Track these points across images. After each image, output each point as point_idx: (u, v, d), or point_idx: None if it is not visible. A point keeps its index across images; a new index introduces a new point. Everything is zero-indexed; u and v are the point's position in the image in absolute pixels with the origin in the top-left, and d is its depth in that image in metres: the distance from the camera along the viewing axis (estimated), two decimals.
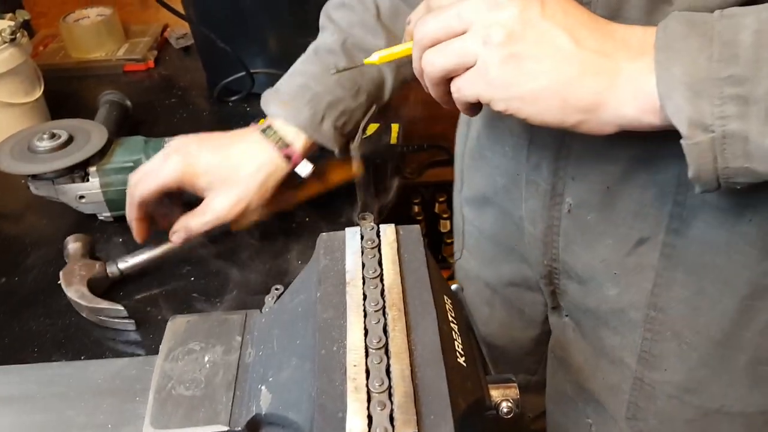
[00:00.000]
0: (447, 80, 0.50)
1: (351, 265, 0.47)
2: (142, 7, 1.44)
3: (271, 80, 0.79)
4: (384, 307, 0.43)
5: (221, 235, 0.77)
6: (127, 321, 0.70)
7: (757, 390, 0.64)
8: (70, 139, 0.81)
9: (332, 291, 0.45)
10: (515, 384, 0.48)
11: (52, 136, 0.80)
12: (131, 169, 0.78)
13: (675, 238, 0.60)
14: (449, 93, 0.51)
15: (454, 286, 0.66)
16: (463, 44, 0.48)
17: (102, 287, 0.74)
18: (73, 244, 0.75)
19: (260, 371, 0.45)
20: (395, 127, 1.03)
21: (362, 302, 0.44)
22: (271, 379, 0.43)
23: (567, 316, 0.76)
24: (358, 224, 0.51)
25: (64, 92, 1.19)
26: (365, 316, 0.43)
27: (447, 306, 0.47)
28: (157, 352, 0.48)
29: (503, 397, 0.47)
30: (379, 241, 0.49)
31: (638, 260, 0.63)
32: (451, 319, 0.46)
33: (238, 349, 0.48)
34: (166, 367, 0.46)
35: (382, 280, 0.45)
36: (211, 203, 0.71)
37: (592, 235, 0.65)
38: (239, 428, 0.42)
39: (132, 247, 0.79)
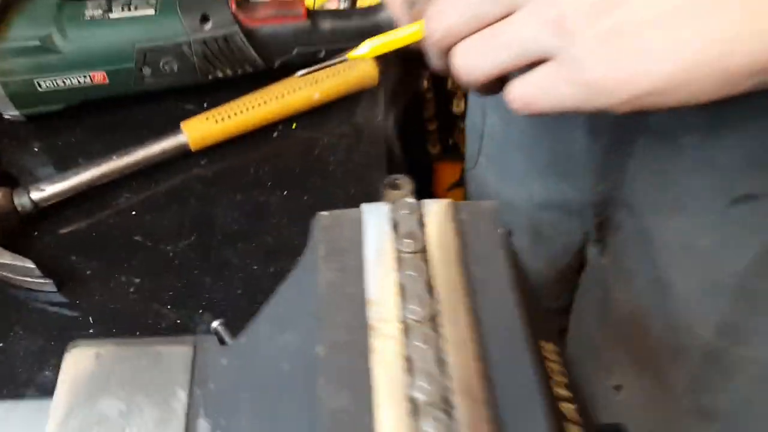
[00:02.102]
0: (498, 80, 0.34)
1: (375, 282, 0.27)
2: None
3: None
4: (436, 331, 0.24)
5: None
6: (43, 280, 0.50)
7: None
8: None
9: (344, 341, 0.25)
10: None
11: None
12: (38, 50, 0.55)
13: None
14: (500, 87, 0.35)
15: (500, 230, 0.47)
16: (519, 33, 0.32)
17: (7, 226, 0.53)
18: None
19: None
20: None
21: (404, 372, 0.24)
22: None
23: (615, 256, 0.58)
24: (381, 194, 0.30)
25: None
26: (414, 408, 0.23)
27: (549, 353, 0.27)
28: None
29: None
30: (424, 229, 0.28)
31: (743, 215, 0.45)
32: (557, 374, 0.27)
33: (183, 418, 0.28)
34: None
35: (435, 321, 0.25)
36: None
37: (683, 166, 0.45)
38: None
39: (55, 163, 0.58)
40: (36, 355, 0.47)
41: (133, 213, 0.55)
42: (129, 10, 0.59)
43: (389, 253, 0.27)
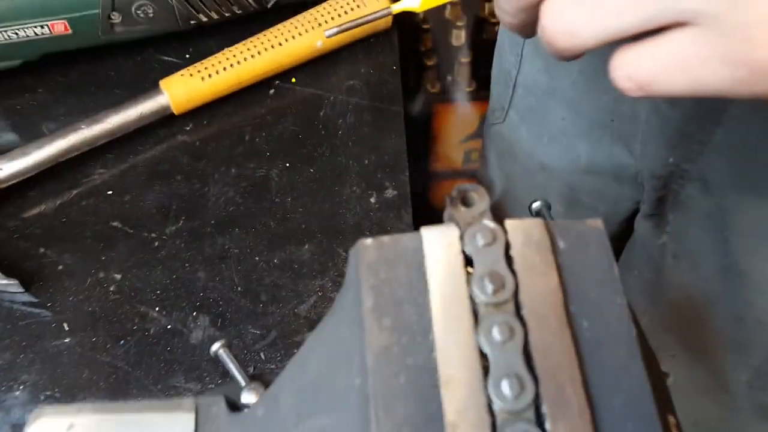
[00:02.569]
0: None
1: (449, 352, 0.19)
2: None
3: None
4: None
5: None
6: (6, 281, 0.42)
7: None
8: None
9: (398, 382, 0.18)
10: None
11: None
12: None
13: None
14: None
15: (536, 203, 0.40)
16: None
17: None
18: None
19: None
20: None
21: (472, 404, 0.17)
22: None
23: (677, 236, 0.51)
24: (445, 209, 0.22)
25: None
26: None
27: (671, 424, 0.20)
28: None
29: None
30: (512, 267, 0.21)
31: None
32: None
33: None
34: None
35: (537, 410, 0.18)
36: None
37: None
38: None
39: (14, 131, 0.49)
40: (2, 373, 0.40)
41: (109, 193, 0.47)
42: None
43: (466, 305, 0.20)
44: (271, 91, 0.51)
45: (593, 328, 0.20)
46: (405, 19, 0.55)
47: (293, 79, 0.52)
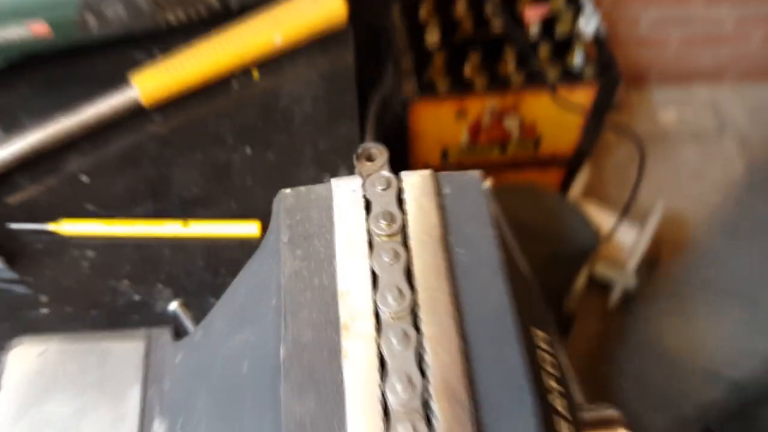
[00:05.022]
0: None
1: (347, 272, 0.24)
2: None
3: None
4: (417, 329, 0.22)
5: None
6: None
7: None
8: None
9: (311, 341, 0.23)
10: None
11: None
12: None
13: None
14: None
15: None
16: None
17: None
18: None
19: None
20: None
21: (378, 376, 0.22)
22: None
23: None
24: (354, 167, 0.27)
25: None
26: (388, 415, 0.21)
27: (541, 341, 0.26)
28: None
29: None
30: (403, 207, 0.26)
31: None
32: (544, 352, 0.25)
33: (137, 418, 0.26)
34: None
35: (414, 315, 0.23)
36: None
37: None
38: None
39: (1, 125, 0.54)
40: None
41: (84, 178, 0.51)
42: None
43: (363, 237, 0.25)
44: (235, 85, 0.56)
45: (466, 253, 0.25)
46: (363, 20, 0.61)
47: (256, 73, 0.57)
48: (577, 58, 1.43)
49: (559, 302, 1.29)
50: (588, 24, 1.42)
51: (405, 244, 0.25)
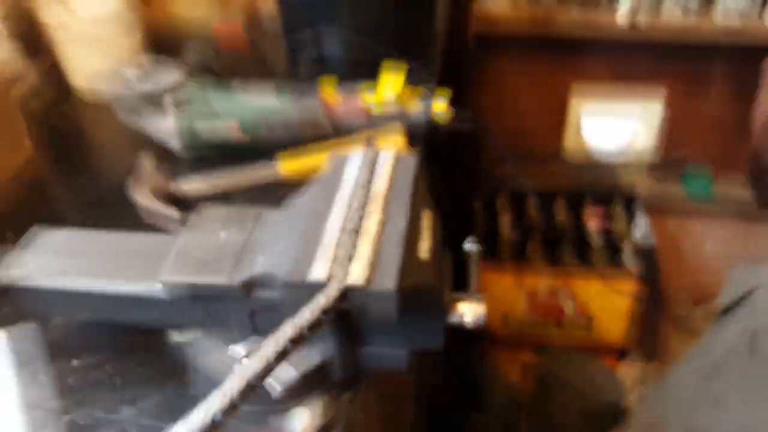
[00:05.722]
0: None
1: (347, 176, 0.59)
2: None
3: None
4: (365, 205, 0.55)
5: None
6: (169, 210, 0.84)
7: None
8: (154, 72, 0.97)
9: (327, 192, 0.57)
10: (483, 303, 0.58)
11: (139, 66, 0.96)
12: (205, 111, 0.93)
13: None
14: None
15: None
16: None
17: (165, 201, 0.88)
18: (147, 160, 0.90)
19: (261, 246, 0.57)
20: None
21: (348, 201, 0.55)
22: (267, 250, 0.56)
23: None
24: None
25: (159, 39, 1.37)
26: (348, 209, 0.54)
27: (424, 219, 0.58)
28: None
29: (471, 310, 0.57)
30: (376, 162, 0.60)
31: None
32: (425, 227, 0.57)
33: (250, 231, 0.60)
34: (188, 237, 0.59)
35: (369, 188, 0.57)
36: None
37: None
38: (235, 284, 0.54)
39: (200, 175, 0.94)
40: None
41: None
42: (258, 93, 0.97)
43: (358, 166, 0.59)
44: None
45: (397, 190, 0.58)
46: None
47: None
48: (626, 254, 1.72)
49: None
50: (637, 229, 1.73)
51: (371, 176, 0.58)
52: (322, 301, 0.47)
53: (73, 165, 1.01)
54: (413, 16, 1.22)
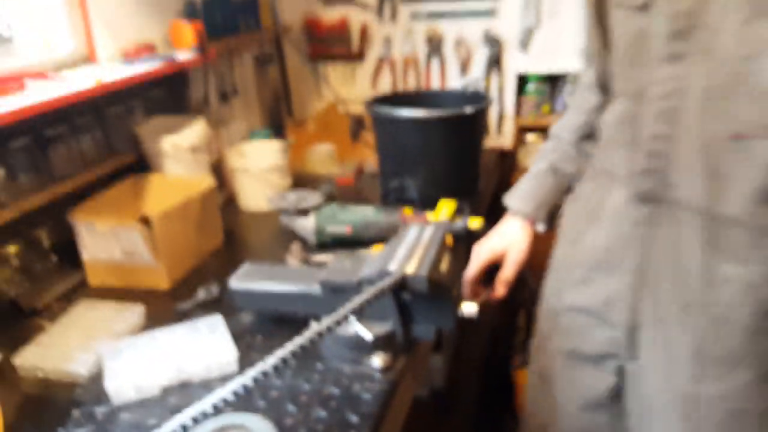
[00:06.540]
0: None
1: (410, 232, 1.20)
2: (351, 146, 2.34)
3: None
4: (416, 245, 1.16)
5: None
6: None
7: None
8: (304, 198, 1.65)
9: (400, 238, 1.18)
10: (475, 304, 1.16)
11: (295, 194, 1.65)
12: (332, 218, 1.57)
13: None
14: None
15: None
16: None
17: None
18: (295, 245, 1.54)
19: (364, 266, 1.17)
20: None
21: (409, 242, 1.16)
22: (367, 267, 1.16)
23: None
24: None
25: (300, 181, 2.07)
26: (408, 245, 1.15)
27: (445, 254, 1.17)
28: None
29: (468, 307, 1.15)
30: (424, 228, 1.21)
31: None
32: (445, 258, 1.16)
33: (358, 261, 1.20)
34: (331, 266, 1.20)
35: (420, 238, 1.17)
36: (510, 257, 1.32)
37: None
38: (354, 281, 1.13)
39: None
40: None
41: None
42: (362, 210, 1.61)
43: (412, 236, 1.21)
44: None
45: (432, 242, 1.18)
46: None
47: None
48: None
49: None
50: None
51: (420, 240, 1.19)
52: (391, 279, 1.06)
53: (249, 249, 1.67)
54: (464, 174, 1.88)
